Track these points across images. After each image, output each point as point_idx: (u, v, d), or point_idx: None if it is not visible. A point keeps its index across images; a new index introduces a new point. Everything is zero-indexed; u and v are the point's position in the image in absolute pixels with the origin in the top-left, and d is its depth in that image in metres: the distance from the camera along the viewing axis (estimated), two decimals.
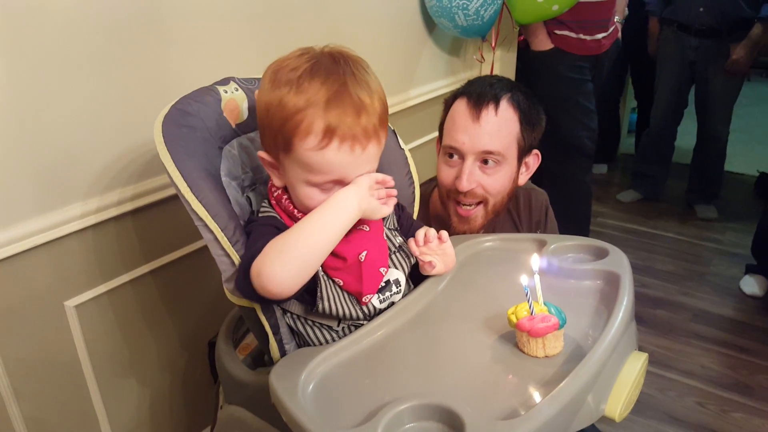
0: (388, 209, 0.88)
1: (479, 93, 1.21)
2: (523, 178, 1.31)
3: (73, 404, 1.22)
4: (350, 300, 0.87)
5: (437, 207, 1.37)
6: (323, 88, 0.77)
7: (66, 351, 1.18)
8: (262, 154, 0.86)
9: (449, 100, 1.28)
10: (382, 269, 0.89)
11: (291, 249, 0.78)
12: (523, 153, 1.26)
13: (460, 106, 1.23)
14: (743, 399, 1.97)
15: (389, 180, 0.89)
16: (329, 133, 0.78)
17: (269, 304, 0.88)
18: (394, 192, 0.90)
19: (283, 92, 0.78)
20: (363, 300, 0.87)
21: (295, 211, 0.86)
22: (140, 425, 1.37)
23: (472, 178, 1.21)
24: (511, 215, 1.39)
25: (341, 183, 0.83)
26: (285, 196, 0.88)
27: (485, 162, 1.22)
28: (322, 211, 0.81)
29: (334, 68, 0.79)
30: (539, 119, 1.27)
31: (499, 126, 1.20)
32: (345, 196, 0.82)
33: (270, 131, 0.82)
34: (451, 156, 1.25)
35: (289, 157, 0.82)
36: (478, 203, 1.25)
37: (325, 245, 0.80)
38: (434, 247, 0.94)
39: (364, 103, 0.79)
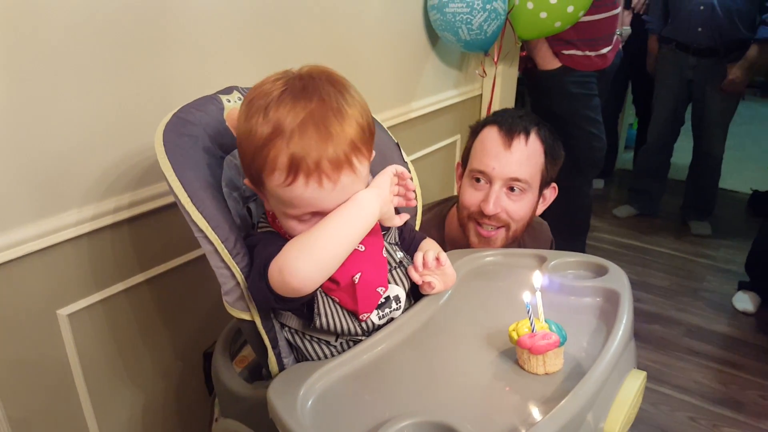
0: (399, 221, 0.89)
1: (510, 123, 1.28)
2: (540, 209, 1.37)
3: (63, 415, 1.21)
4: (349, 316, 0.87)
5: (453, 228, 1.41)
6: (288, 118, 0.74)
7: (57, 360, 1.17)
8: (247, 182, 0.85)
9: (477, 128, 1.36)
10: (379, 289, 0.88)
11: (314, 247, 0.77)
12: (544, 185, 1.34)
13: (491, 133, 1.30)
14: (734, 414, 1.98)
15: (407, 174, 0.89)
16: (294, 169, 0.75)
17: (272, 312, 0.87)
18: (412, 186, 0.92)
19: (252, 123, 0.76)
20: (361, 317, 0.87)
21: (286, 235, 0.85)
22: None
23: (498, 202, 1.27)
24: (518, 245, 1.42)
25: (320, 214, 0.81)
26: (277, 219, 0.87)
27: (511, 189, 1.28)
28: (344, 210, 0.80)
29: (301, 95, 0.76)
30: (560, 155, 1.35)
31: (528, 155, 1.28)
32: (367, 199, 0.81)
33: (244, 164, 0.81)
34: (477, 180, 1.30)
35: (263, 190, 0.81)
36: (500, 227, 1.30)
37: (347, 244, 0.80)
38: (433, 270, 0.94)
39: (331, 132, 0.75)
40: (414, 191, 0.94)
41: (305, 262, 0.76)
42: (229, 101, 0.95)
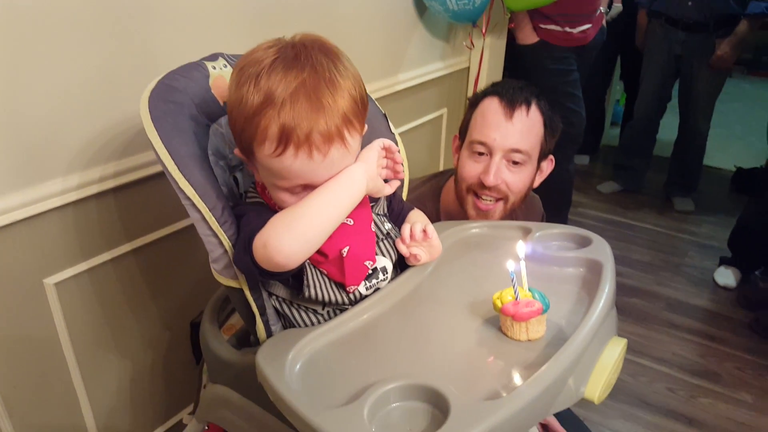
0: (390, 189, 0.89)
1: (512, 94, 1.28)
2: (537, 181, 1.37)
3: (52, 383, 1.21)
4: (336, 287, 0.88)
5: (449, 201, 1.41)
6: (279, 87, 0.73)
7: (45, 329, 1.17)
8: (236, 150, 0.85)
9: (476, 99, 1.34)
10: (367, 262, 0.89)
11: (299, 222, 0.77)
12: (542, 156, 1.33)
13: (492, 104, 1.28)
14: (711, 385, 2.04)
15: (394, 147, 0.89)
16: (284, 139, 0.74)
17: (259, 281, 0.88)
18: (400, 159, 0.92)
19: (242, 91, 0.75)
20: (348, 289, 0.88)
21: (276, 207, 0.86)
22: (121, 404, 1.37)
23: (499, 174, 1.27)
24: (511, 218, 1.41)
25: (310, 187, 0.81)
26: (266, 190, 0.87)
27: (511, 162, 1.28)
28: (331, 186, 0.80)
29: (294, 63, 0.75)
30: (558, 127, 1.35)
31: (529, 126, 1.27)
32: (354, 173, 0.81)
33: (234, 133, 0.80)
34: (479, 153, 1.29)
35: (253, 161, 0.81)
36: (499, 199, 1.30)
37: (332, 220, 0.80)
38: (419, 242, 0.95)
39: (323, 103, 0.74)
40: (401, 164, 0.94)
41: (289, 238, 0.76)
42: (214, 68, 0.94)
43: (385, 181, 0.92)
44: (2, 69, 0.98)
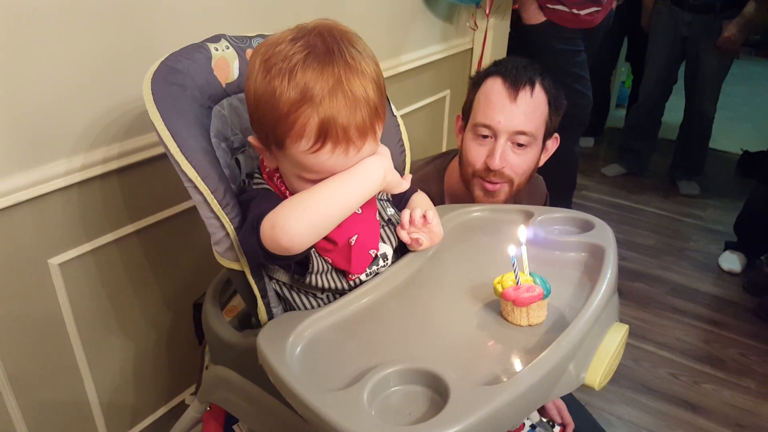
0: (407, 184, 0.89)
1: (515, 74, 1.24)
2: (542, 160, 1.34)
3: (57, 362, 1.23)
4: (338, 274, 0.88)
5: (453, 182, 1.39)
6: (317, 84, 0.73)
7: (50, 309, 1.18)
8: (252, 140, 0.84)
9: (478, 79, 1.30)
10: (372, 251, 0.89)
11: (310, 208, 0.77)
12: (547, 136, 1.30)
13: (495, 85, 1.25)
14: (714, 371, 2.03)
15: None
16: (322, 136, 0.74)
17: (262, 265, 0.88)
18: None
19: (275, 85, 0.74)
20: (349, 276, 0.88)
21: (287, 192, 0.85)
22: (124, 383, 1.38)
23: (504, 157, 1.24)
24: (514, 200, 1.39)
25: None
26: (277, 175, 0.86)
27: (516, 143, 1.25)
28: (347, 177, 0.79)
29: (328, 59, 0.74)
30: (562, 104, 1.31)
31: (533, 107, 1.24)
32: (373, 167, 0.81)
33: (261, 126, 0.79)
34: (483, 136, 1.26)
35: (281, 153, 0.79)
36: (504, 182, 1.28)
37: (343, 211, 0.80)
38: (419, 227, 0.94)
39: (358, 97, 0.75)
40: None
41: (298, 222, 0.76)
42: (216, 49, 0.94)
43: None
44: (6, 52, 0.98)
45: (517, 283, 0.79)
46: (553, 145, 1.36)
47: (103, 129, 1.16)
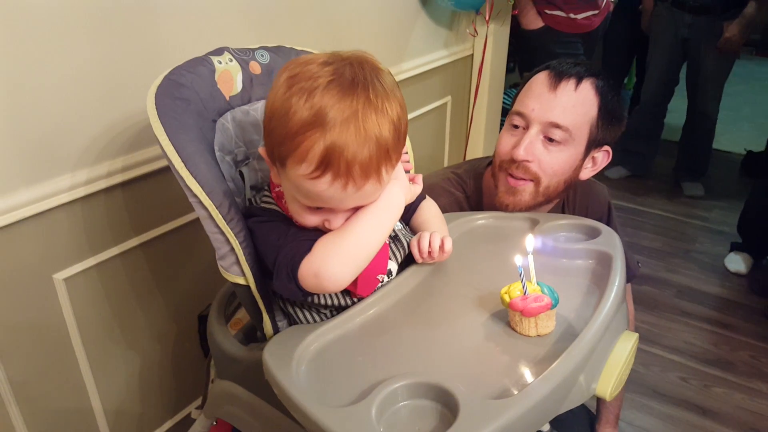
0: (419, 188, 0.93)
1: (564, 67, 1.15)
2: (586, 173, 1.23)
3: (63, 377, 1.22)
4: (343, 293, 0.88)
5: (489, 184, 1.28)
6: (332, 111, 0.71)
7: (55, 324, 1.18)
8: (262, 151, 0.83)
9: (530, 75, 1.22)
10: (379, 276, 0.89)
11: (348, 250, 0.79)
12: (593, 144, 1.18)
13: (540, 76, 1.17)
14: (725, 374, 2.01)
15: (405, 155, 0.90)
16: (324, 164, 0.72)
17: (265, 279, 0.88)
18: (410, 166, 0.94)
19: (291, 102, 0.72)
20: (354, 295, 0.88)
21: (294, 219, 0.85)
22: (130, 397, 1.37)
23: (531, 148, 1.13)
24: (562, 209, 1.31)
25: (331, 211, 0.80)
26: (284, 198, 0.85)
27: (549, 139, 1.14)
28: (377, 212, 0.81)
29: (351, 89, 0.72)
30: (620, 117, 1.19)
31: (575, 102, 1.13)
32: (395, 194, 0.83)
33: (270, 140, 0.78)
34: (515, 126, 1.18)
35: (283, 171, 0.78)
36: (530, 180, 1.17)
37: (378, 243, 0.83)
38: (437, 258, 0.94)
39: (370, 134, 0.72)
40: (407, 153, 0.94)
41: (343, 267, 0.78)
42: (220, 62, 0.94)
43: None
44: (10, 66, 0.98)
45: (525, 293, 0.78)
46: (603, 159, 1.23)
47: (107, 143, 1.16)
